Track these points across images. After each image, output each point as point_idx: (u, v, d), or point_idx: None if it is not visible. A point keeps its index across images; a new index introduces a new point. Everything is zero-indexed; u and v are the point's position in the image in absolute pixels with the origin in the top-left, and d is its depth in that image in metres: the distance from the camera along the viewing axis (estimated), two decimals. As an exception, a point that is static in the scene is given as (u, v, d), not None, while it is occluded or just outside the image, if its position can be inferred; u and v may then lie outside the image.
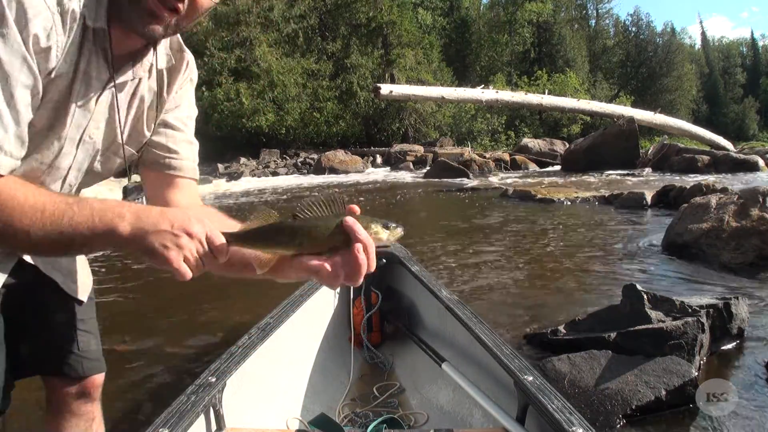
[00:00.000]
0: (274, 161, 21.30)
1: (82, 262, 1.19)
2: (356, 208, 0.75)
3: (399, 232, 0.77)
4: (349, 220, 0.72)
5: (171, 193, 1.06)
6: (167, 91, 1.02)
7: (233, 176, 17.00)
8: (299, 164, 20.24)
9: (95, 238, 0.74)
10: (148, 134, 1.03)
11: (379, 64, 27.17)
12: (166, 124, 1.05)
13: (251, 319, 2.54)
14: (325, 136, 25.79)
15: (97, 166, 1.00)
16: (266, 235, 0.76)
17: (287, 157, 22.32)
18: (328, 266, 0.73)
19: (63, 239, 0.73)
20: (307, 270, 0.75)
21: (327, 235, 0.73)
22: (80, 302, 1.17)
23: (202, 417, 1.30)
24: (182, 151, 1.07)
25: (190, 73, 1.07)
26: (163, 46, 0.97)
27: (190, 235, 0.75)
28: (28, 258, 1.03)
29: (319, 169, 18.62)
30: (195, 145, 1.10)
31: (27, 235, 0.72)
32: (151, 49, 0.94)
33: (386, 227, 0.76)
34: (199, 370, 1.43)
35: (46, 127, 0.85)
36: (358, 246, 0.71)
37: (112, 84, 0.90)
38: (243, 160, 20.71)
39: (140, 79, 0.96)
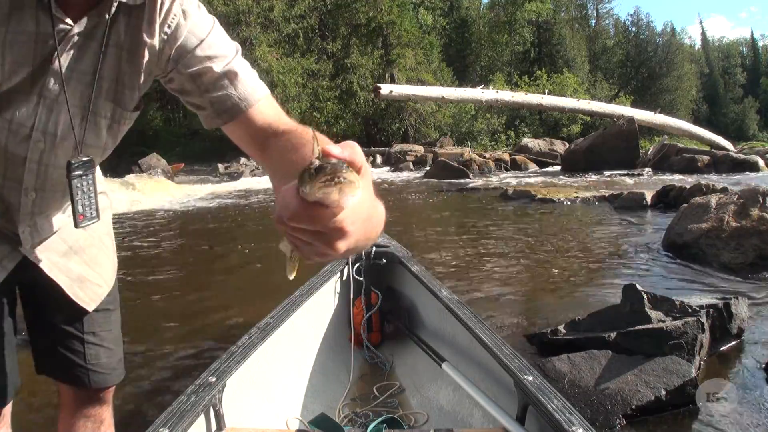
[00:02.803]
0: (274, 161, 21.28)
1: (100, 269, 1.14)
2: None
3: None
4: None
5: (255, 132, 0.87)
6: (149, 31, 0.85)
7: (233, 176, 16.98)
8: (299, 164, 20.22)
9: None
10: (141, 85, 0.90)
11: (379, 64, 27.15)
12: (187, 77, 0.87)
13: (251, 319, 2.54)
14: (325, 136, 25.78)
15: (89, 136, 0.89)
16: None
17: (287, 157, 22.30)
18: None
19: None
20: None
21: None
22: (86, 311, 1.11)
23: (202, 417, 1.30)
24: (226, 90, 0.86)
25: (178, 3, 0.87)
26: None
27: None
28: (32, 258, 1.00)
29: (319, 169, 18.60)
30: (238, 69, 0.88)
31: None
32: None
33: None
34: (199, 370, 1.43)
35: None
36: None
37: (70, 35, 0.79)
38: (243, 160, 20.63)
39: (110, 24, 0.82)
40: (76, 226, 0.92)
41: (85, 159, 0.90)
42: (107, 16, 0.81)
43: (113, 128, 0.92)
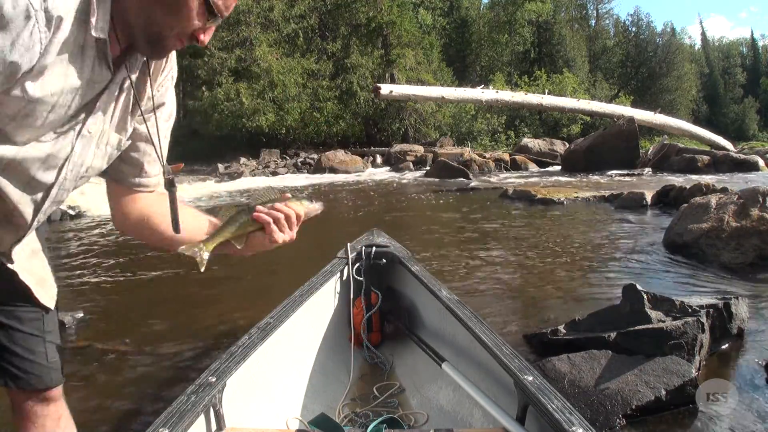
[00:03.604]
0: (274, 161, 21.28)
1: (48, 270, 1.18)
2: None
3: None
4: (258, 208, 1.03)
5: (135, 205, 1.10)
6: (150, 83, 1.01)
7: (233, 176, 16.96)
8: (299, 164, 20.21)
9: None
10: (130, 127, 1.03)
11: (379, 64, 27.13)
12: (144, 137, 1.05)
13: (251, 319, 2.55)
14: (325, 136, 25.76)
15: (95, 161, 1.00)
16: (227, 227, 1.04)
17: (287, 157, 22.29)
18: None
19: None
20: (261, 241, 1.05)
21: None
22: (48, 310, 1.15)
23: (202, 417, 1.30)
24: (153, 170, 1.10)
25: (171, 71, 1.06)
26: None
27: None
28: (8, 264, 1.02)
29: (319, 169, 18.60)
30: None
31: None
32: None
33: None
34: (199, 370, 1.43)
35: (46, 125, 0.86)
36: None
37: (110, 83, 0.93)
38: (243, 160, 20.69)
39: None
40: (177, 232, 1.06)
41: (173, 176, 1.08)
42: (136, 69, 0.96)
43: (112, 155, 1.03)
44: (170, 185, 1.05)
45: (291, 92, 24.56)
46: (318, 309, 2.18)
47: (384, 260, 2.41)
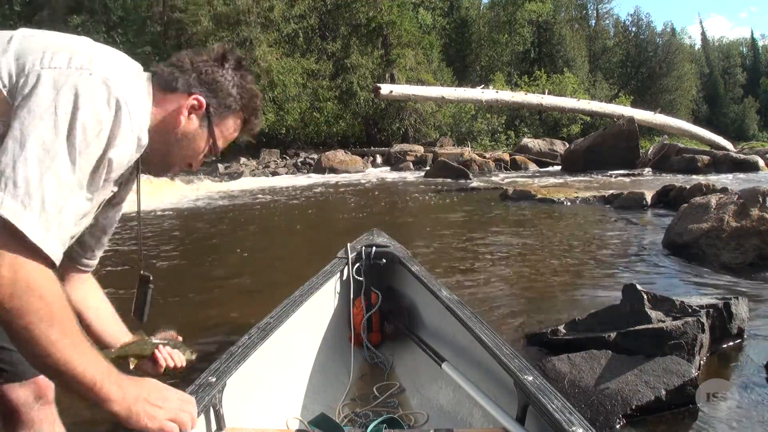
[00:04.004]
0: (274, 161, 21.27)
1: None
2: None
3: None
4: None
5: (81, 285, 1.21)
6: (138, 186, 1.16)
7: (233, 176, 16.95)
8: (299, 164, 20.22)
9: (87, 391, 0.86)
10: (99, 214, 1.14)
11: (379, 64, 27.12)
12: (101, 227, 1.17)
13: (251, 319, 2.54)
14: (325, 136, 25.76)
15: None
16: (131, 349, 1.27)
17: (287, 157, 22.29)
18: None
19: (59, 370, 0.82)
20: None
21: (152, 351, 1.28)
22: None
23: (202, 417, 1.30)
24: (99, 254, 1.22)
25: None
26: None
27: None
28: None
29: (319, 169, 18.61)
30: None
31: (36, 345, 0.78)
32: None
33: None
34: (199, 370, 1.43)
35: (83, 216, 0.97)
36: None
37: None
38: (243, 160, 20.66)
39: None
40: (142, 321, 1.29)
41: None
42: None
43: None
44: (145, 282, 1.24)
45: (291, 92, 24.56)
46: (318, 309, 2.18)
47: (384, 260, 2.41)
